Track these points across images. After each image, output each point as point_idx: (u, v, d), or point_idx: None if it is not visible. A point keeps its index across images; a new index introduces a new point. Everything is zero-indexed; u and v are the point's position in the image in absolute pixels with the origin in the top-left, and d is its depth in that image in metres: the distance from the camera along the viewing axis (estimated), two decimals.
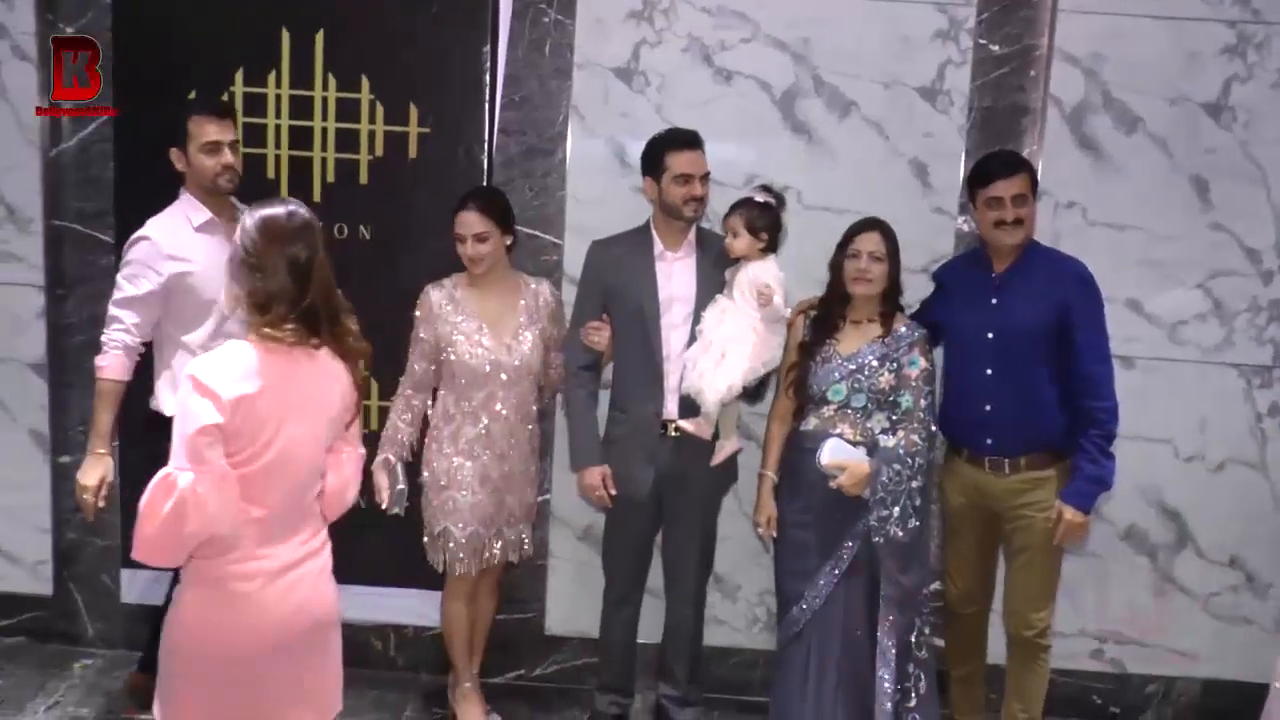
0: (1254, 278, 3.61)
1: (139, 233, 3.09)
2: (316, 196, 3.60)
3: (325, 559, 2.29)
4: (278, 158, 3.60)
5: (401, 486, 3.18)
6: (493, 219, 3.16)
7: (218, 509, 2.04)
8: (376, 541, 3.62)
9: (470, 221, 3.14)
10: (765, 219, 3.12)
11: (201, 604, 2.14)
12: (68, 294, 3.77)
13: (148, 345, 3.14)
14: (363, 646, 3.75)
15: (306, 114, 3.59)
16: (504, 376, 3.18)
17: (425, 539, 3.29)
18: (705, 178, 3.17)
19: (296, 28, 3.56)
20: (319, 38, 3.56)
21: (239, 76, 3.59)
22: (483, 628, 3.49)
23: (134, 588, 3.82)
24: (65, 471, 3.80)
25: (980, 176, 3.13)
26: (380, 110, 3.58)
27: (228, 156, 3.09)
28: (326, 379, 2.19)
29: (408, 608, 3.81)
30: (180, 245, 3.07)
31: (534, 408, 3.28)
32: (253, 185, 3.33)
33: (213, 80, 3.58)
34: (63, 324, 3.78)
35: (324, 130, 3.59)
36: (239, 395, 2.04)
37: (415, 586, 3.73)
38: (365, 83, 3.58)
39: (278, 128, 3.58)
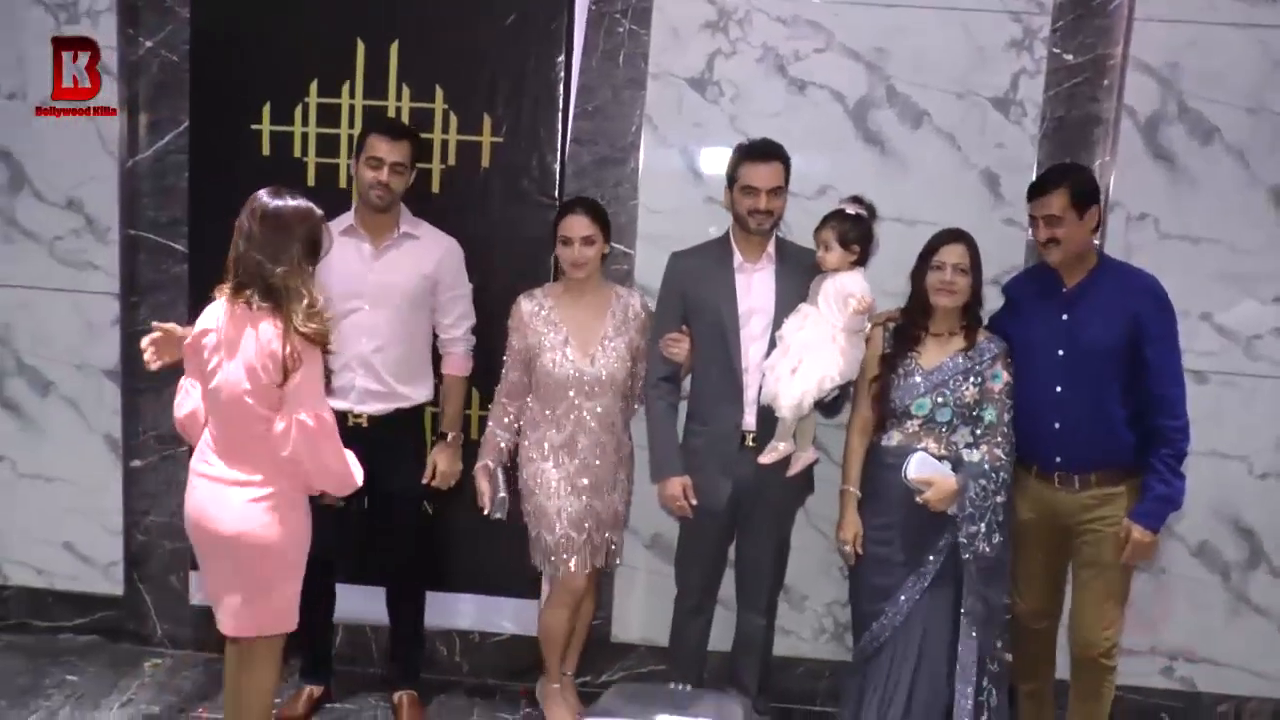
0: None
1: None
2: None
3: (261, 495, 2.71)
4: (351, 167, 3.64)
5: (503, 494, 3.23)
6: (599, 224, 3.23)
7: (177, 409, 2.81)
8: (442, 549, 3.67)
9: (579, 225, 3.19)
10: (857, 231, 3.10)
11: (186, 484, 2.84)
12: (140, 301, 3.84)
13: None
14: (428, 652, 3.75)
15: None
16: (587, 386, 3.21)
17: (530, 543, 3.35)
18: (776, 192, 3.15)
19: (371, 39, 3.59)
20: (394, 49, 3.59)
21: (314, 87, 3.63)
22: (580, 631, 3.55)
23: (202, 589, 3.83)
24: (136, 476, 3.89)
25: (1028, 193, 3.12)
26: (454, 120, 3.60)
27: (384, 174, 3.21)
28: (250, 333, 2.64)
29: (471, 613, 3.83)
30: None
31: (621, 417, 3.31)
32: (328, 195, 3.37)
33: (287, 92, 3.63)
34: (136, 331, 3.80)
35: None
36: (199, 330, 2.72)
37: (479, 593, 3.77)
38: (439, 92, 3.60)
39: (351, 137, 3.61)
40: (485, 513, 3.27)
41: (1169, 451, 2.99)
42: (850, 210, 3.13)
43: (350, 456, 2.78)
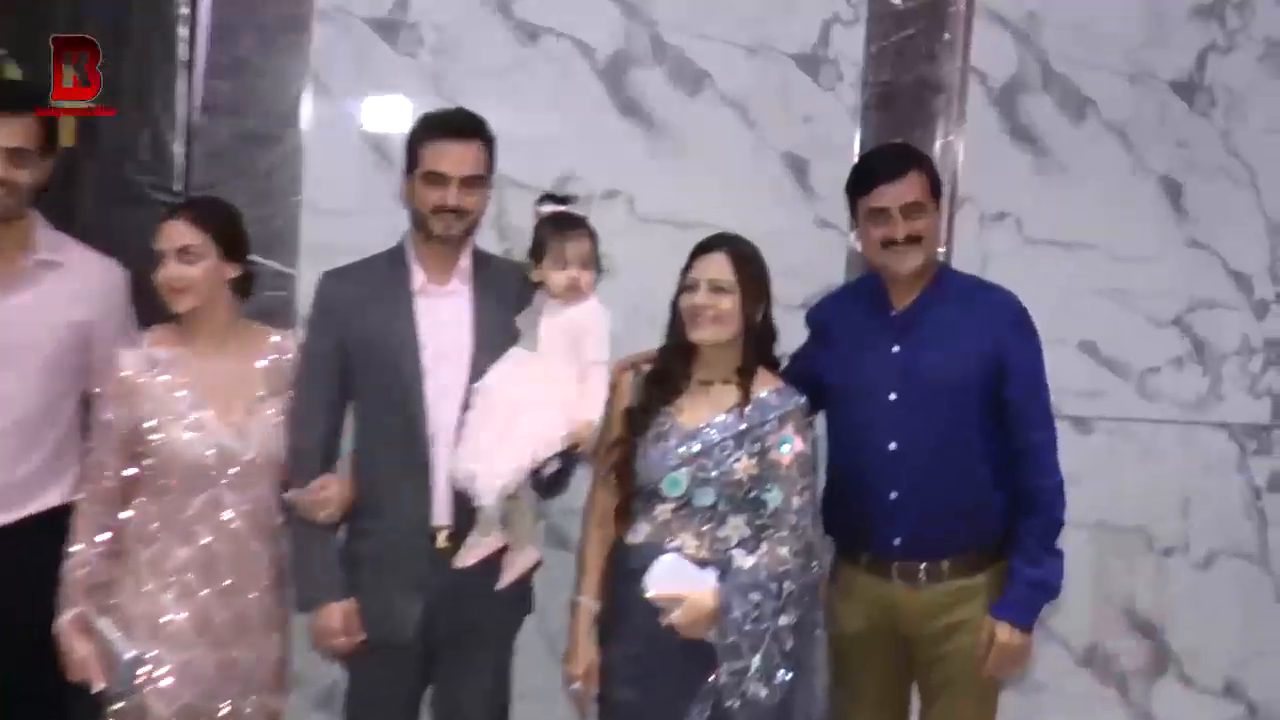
0: (1244, 310, 3.42)
1: None
2: None
3: None
4: None
5: (133, 653, 2.50)
6: (210, 232, 2.53)
7: None
8: None
9: (176, 233, 2.54)
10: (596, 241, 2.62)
11: None
12: None
13: None
14: None
15: None
16: (233, 471, 2.54)
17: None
18: (473, 183, 2.56)
19: None
20: None
21: None
22: None
23: None
24: None
25: (860, 181, 2.72)
26: (17, 77, 2.97)
27: None
28: None
29: None
30: None
31: (277, 517, 2.67)
32: None
33: None
34: None
35: None
36: None
37: None
38: None
39: None
40: (102, 689, 2.54)
41: (1038, 522, 2.63)
42: (580, 213, 2.60)
43: None
